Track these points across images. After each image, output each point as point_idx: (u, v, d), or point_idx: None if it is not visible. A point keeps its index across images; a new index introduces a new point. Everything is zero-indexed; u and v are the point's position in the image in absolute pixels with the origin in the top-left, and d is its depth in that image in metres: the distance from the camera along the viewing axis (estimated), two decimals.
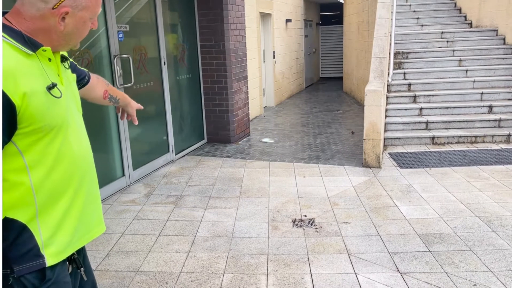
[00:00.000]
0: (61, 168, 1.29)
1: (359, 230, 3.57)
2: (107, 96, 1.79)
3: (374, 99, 5.19)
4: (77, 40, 1.32)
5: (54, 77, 1.28)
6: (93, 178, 1.46)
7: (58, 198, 1.30)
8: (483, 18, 8.59)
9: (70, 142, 1.31)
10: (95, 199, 1.47)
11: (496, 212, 3.80)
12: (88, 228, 1.43)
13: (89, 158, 1.43)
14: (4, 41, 1.16)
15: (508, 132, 6.09)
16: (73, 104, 1.37)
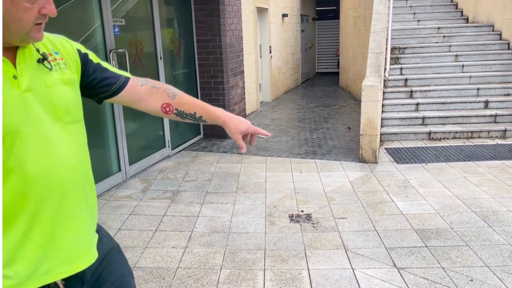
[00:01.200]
0: (9, 187, 1.07)
1: (356, 226, 3.57)
2: (169, 111, 1.42)
3: (371, 94, 5.19)
4: (19, 27, 1.05)
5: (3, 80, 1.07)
6: (74, 200, 1.19)
7: (11, 223, 1.09)
8: (479, 14, 8.59)
9: (22, 157, 1.07)
10: (76, 225, 1.20)
11: (492, 208, 3.82)
12: (67, 260, 1.19)
13: (63, 177, 1.15)
14: None
15: (504, 127, 6.11)
16: (44, 111, 1.13)
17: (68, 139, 1.18)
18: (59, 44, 1.25)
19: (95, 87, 1.33)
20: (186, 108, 1.43)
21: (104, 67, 1.35)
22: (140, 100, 1.41)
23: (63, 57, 1.23)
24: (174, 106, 1.42)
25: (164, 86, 1.44)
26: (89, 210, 1.27)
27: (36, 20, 1.07)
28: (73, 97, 1.22)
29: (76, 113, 1.23)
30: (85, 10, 4.11)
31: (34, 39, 1.10)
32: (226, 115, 1.46)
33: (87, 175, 1.27)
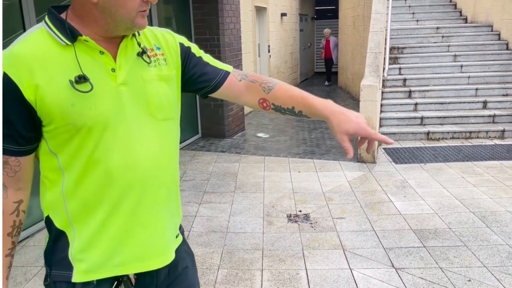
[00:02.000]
0: (93, 177, 1.10)
1: (354, 226, 3.56)
2: (266, 106, 1.31)
3: (369, 94, 5.18)
4: (124, 14, 1.05)
5: (99, 72, 1.08)
6: (155, 198, 1.18)
7: (93, 210, 1.13)
8: (478, 14, 8.59)
9: (109, 149, 1.09)
10: (154, 224, 1.19)
11: (491, 208, 3.81)
12: (140, 256, 1.18)
13: (146, 173, 1.14)
14: (40, 29, 1.07)
15: (502, 127, 6.11)
16: (137, 105, 1.13)
17: (157, 136, 1.17)
18: (162, 39, 1.24)
19: (194, 82, 1.29)
20: (282, 102, 1.29)
21: (205, 62, 1.30)
22: (239, 95, 1.33)
23: (164, 53, 1.21)
24: (270, 101, 1.30)
25: (262, 80, 1.32)
26: (171, 210, 1.24)
27: (139, 7, 1.06)
28: (168, 94, 1.19)
29: (169, 111, 1.20)
30: None
31: (139, 26, 1.09)
32: (329, 108, 1.23)
33: (172, 174, 1.24)
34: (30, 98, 1.03)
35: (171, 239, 1.25)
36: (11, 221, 1.12)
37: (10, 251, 1.13)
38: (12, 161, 1.09)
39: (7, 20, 3.24)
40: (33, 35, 1.06)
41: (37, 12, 3.47)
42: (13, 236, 1.13)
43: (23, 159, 1.10)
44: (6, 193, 1.11)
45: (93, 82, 1.06)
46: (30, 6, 3.40)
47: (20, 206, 1.14)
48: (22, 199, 1.14)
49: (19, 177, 1.12)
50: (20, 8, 3.33)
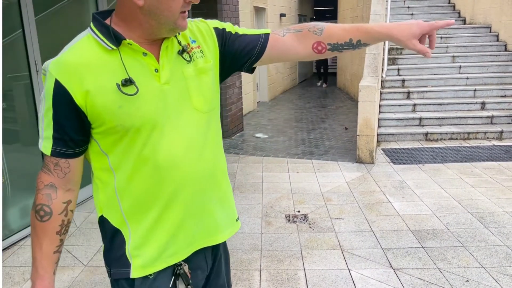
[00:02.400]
0: (143, 174, 1.15)
1: (353, 226, 3.57)
2: (322, 49, 1.26)
3: (368, 95, 5.19)
4: (168, 17, 1.07)
5: (143, 73, 1.11)
6: (205, 189, 1.22)
7: (146, 207, 1.17)
8: (476, 15, 8.61)
9: (156, 147, 1.13)
10: (204, 213, 1.24)
11: (489, 209, 3.82)
12: (190, 242, 1.24)
13: (195, 167, 1.18)
14: (87, 36, 1.12)
15: (500, 128, 6.12)
16: (181, 102, 1.16)
17: (203, 128, 1.20)
18: (197, 30, 1.25)
19: (239, 57, 1.28)
20: (338, 38, 1.24)
21: (242, 34, 1.29)
22: (288, 50, 1.29)
23: (200, 45, 1.23)
24: (325, 42, 1.25)
25: (308, 26, 1.28)
26: (221, 198, 1.29)
27: (182, 8, 1.08)
28: (209, 86, 1.22)
29: (212, 101, 1.23)
30: (81, 9, 4.09)
31: (181, 28, 1.12)
32: (387, 26, 1.22)
33: (219, 162, 1.28)
34: (81, 104, 1.07)
35: (221, 223, 1.29)
36: (59, 220, 1.16)
37: (58, 248, 1.18)
38: (62, 163, 1.15)
39: (6, 20, 3.23)
40: (81, 42, 1.11)
41: (36, 12, 3.47)
42: (61, 234, 1.18)
43: (72, 161, 1.16)
44: (56, 194, 1.16)
45: (138, 83, 1.10)
46: (29, 6, 3.39)
47: (68, 206, 1.18)
48: (70, 199, 1.19)
49: (68, 178, 1.17)
50: (19, 8, 3.33)
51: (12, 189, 3.33)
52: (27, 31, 3.39)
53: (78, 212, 3.89)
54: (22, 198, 3.46)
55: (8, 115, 3.32)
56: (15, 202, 3.37)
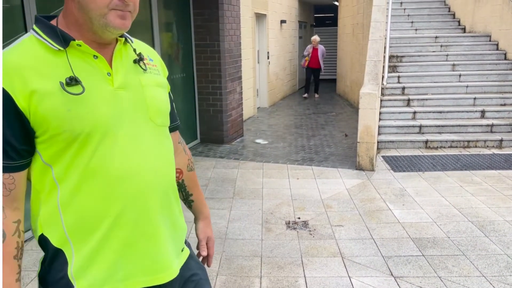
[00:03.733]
0: (91, 187, 1.05)
1: (353, 233, 3.56)
2: (177, 178, 1.38)
3: (368, 102, 5.20)
4: (94, 9, 1.02)
5: (93, 75, 1.06)
6: (157, 207, 1.13)
7: (92, 224, 1.07)
8: (476, 24, 8.65)
9: (108, 156, 1.05)
10: (156, 235, 1.14)
11: (489, 217, 3.82)
12: (143, 270, 1.13)
13: (148, 180, 1.10)
14: (29, 37, 1.06)
15: (500, 137, 6.13)
16: (136, 110, 1.11)
17: (157, 141, 1.15)
18: (154, 55, 1.27)
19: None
20: (189, 185, 1.45)
21: (173, 104, 1.34)
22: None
23: (156, 65, 1.24)
24: (182, 176, 1.42)
25: (189, 155, 1.46)
26: (173, 221, 1.21)
27: (111, 4, 1.03)
28: (164, 101, 1.21)
29: (166, 116, 1.21)
30: None
31: (113, 26, 1.04)
32: (206, 214, 1.50)
33: (171, 182, 1.21)
34: (23, 107, 0.99)
35: (175, 252, 1.21)
36: (14, 242, 1.04)
37: (19, 276, 1.06)
38: (5, 178, 1.02)
39: (9, 23, 3.24)
40: (22, 43, 1.05)
41: None
42: (19, 259, 1.06)
43: (17, 175, 1.04)
44: (5, 214, 1.03)
45: (88, 85, 1.04)
46: (32, 9, 3.40)
47: (19, 226, 1.06)
48: (19, 219, 1.06)
49: (14, 196, 1.04)
50: (22, 11, 3.34)
51: None
52: None
53: None
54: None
55: None
56: None
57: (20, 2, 3.32)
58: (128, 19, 1.07)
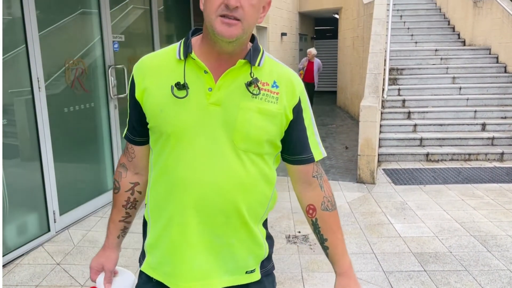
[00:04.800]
0: (163, 180, 1.18)
1: (354, 248, 3.52)
2: (311, 215, 1.31)
3: (369, 114, 5.19)
4: (208, 20, 1.08)
5: (197, 87, 1.14)
6: (211, 225, 1.16)
7: (161, 211, 1.20)
8: (476, 37, 8.68)
9: (177, 160, 1.14)
10: (203, 248, 1.18)
11: (491, 232, 3.78)
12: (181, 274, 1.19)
13: (206, 197, 1.14)
14: (175, 45, 1.21)
15: (501, 150, 6.11)
16: (223, 128, 1.13)
17: (233, 163, 1.14)
18: (287, 81, 1.21)
19: (283, 141, 1.24)
20: (323, 227, 1.30)
21: (306, 135, 1.26)
22: (300, 184, 1.33)
23: (279, 92, 1.18)
24: (317, 216, 1.30)
25: (328, 194, 1.32)
26: (228, 241, 1.20)
27: (219, 10, 1.06)
28: (260, 128, 1.15)
29: (256, 145, 1.16)
30: (85, 25, 4.11)
31: (218, 32, 1.08)
32: (345, 268, 1.31)
33: (237, 207, 1.17)
34: (138, 98, 1.19)
35: (224, 267, 1.21)
36: (126, 196, 1.33)
37: (124, 218, 1.35)
38: (129, 148, 1.31)
39: (10, 35, 3.24)
40: (166, 49, 1.23)
41: (40, 27, 3.48)
42: (127, 208, 1.34)
43: (137, 149, 1.29)
44: (126, 174, 1.33)
45: (190, 94, 1.14)
46: (33, 22, 3.41)
47: (135, 187, 1.33)
48: (138, 182, 1.33)
49: (135, 163, 1.31)
50: (23, 23, 3.34)
51: (10, 205, 3.29)
52: (30, 46, 3.39)
53: (75, 230, 3.85)
54: (20, 215, 3.41)
55: (8, 130, 3.30)
56: (12, 218, 3.33)
57: (20, 13, 3.33)
58: (234, 27, 1.07)
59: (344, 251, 1.32)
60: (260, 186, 1.21)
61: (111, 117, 4.45)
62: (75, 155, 4.08)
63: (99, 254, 1.38)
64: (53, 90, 3.73)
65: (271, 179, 1.25)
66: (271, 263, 1.33)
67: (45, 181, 3.60)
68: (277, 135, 1.20)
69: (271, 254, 1.34)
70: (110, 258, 1.37)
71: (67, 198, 3.87)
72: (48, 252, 3.44)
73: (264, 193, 1.23)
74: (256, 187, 1.20)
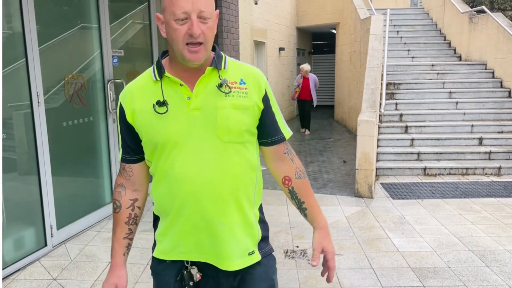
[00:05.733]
0: (163, 184, 1.37)
1: (352, 263, 3.51)
2: (287, 185, 1.51)
3: (366, 129, 5.21)
4: (177, 48, 1.28)
5: (176, 99, 1.33)
6: (210, 211, 1.35)
7: (164, 210, 1.40)
8: (472, 52, 8.77)
9: (173, 163, 1.33)
10: (210, 232, 1.37)
11: (489, 246, 3.77)
12: (198, 251, 1.41)
13: (204, 187, 1.33)
14: (150, 69, 1.40)
15: (498, 164, 6.13)
16: (206, 128, 1.33)
17: (221, 156, 1.34)
18: (252, 77, 1.41)
19: (259, 129, 1.44)
20: (299, 193, 1.52)
21: (275, 119, 1.47)
22: (274, 161, 1.51)
23: (247, 88, 1.39)
24: (292, 184, 1.50)
25: (299, 165, 1.53)
26: (230, 225, 1.38)
27: (184, 39, 1.26)
28: (238, 121, 1.35)
29: (237, 135, 1.36)
30: (84, 39, 4.15)
31: (188, 59, 1.28)
32: (322, 223, 1.54)
33: (234, 193, 1.37)
34: (130, 120, 1.37)
35: (233, 250, 1.39)
36: (127, 213, 1.48)
37: (127, 235, 1.49)
38: (127, 167, 1.46)
39: (10, 49, 3.27)
40: (142, 75, 1.42)
41: (40, 41, 3.51)
42: (130, 224, 1.48)
43: (134, 166, 1.46)
44: (125, 192, 1.47)
45: (171, 107, 1.32)
46: (33, 35, 3.44)
47: (135, 203, 1.48)
48: (137, 198, 1.49)
49: (133, 181, 1.47)
50: (23, 37, 3.37)
51: (7, 220, 3.28)
52: (30, 61, 3.42)
53: (72, 244, 3.82)
54: (17, 229, 3.40)
55: (6, 144, 3.30)
56: (9, 233, 3.31)
57: (21, 27, 3.36)
58: (200, 52, 1.28)
59: (320, 211, 1.55)
60: (247, 172, 1.40)
61: (109, 131, 4.46)
62: (73, 169, 4.07)
63: (109, 276, 1.48)
64: (52, 104, 3.74)
65: (253, 164, 1.42)
66: (268, 246, 1.52)
67: (42, 195, 3.59)
68: (253, 123, 1.39)
69: (267, 237, 1.52)
70: (121, 277, 1.48)
71: (64, 213, 3.86)
72: (45, 267, 3.42)
73: (250, 178, 1.42)
74: (243, 173, 1.39)
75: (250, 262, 1.43)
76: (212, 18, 1.29)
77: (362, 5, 9.53)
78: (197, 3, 1.23)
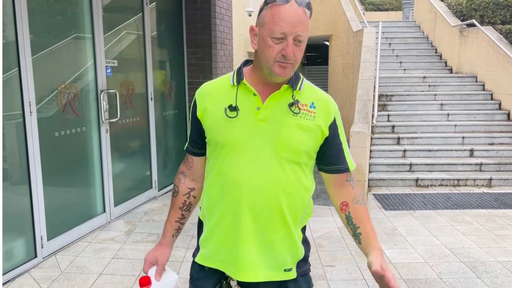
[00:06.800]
0: (217, 183, 1.43)
1: (344, 274, 3.50)
2: (344, 210, 1.52)
3: (359, 140, 5.24)
4: (266, 62, 1.34)
5: (247, 107, 1.40)
6: (253, 221, 1.39)
7: (213, 211, 1.46)
8: (463, 65, 8.89)
9: (230, 164, 1.39)
10: (248, 242, 1.40)
11: (481, 258, 3.79)
12: (232, 261, 1.43)
13: (250, 196, 1.37)
14: (230, 73, 1.48)
15: (489, 176, 6.18)
16: (268, 139, 1.38)
17: (275, 169, 1.38)
18: (323, 103, 1.45)
19: (321, 153, 1.49)
20: (355, 217, 1.50)
21: (341, 148, 1.50)
22: (334, 187, 1.55)
23: (316, 112, 1.43)
24: (350, 209, 1.51)
25: (358, 191, 1.54)
26: (269, 238, 1.41)
27: (276, 57, 1.31)
28: (300, 141, 1.40)
29: (296, 155, 1.40)
30: (78, 49, 4.15)
31: (276, 74, 1.34)
32: (378, 246, 1.46)
33: (284, 210, 1.41)
34: (199, 116, 1.47)
35: (264, 263, 1.42)
36: (183, 199, 1.59)
37: (179, 219, 1.61)
38: (189, 158, 1.58)
39: (3, 59, 3.26)
40: (222, 77, 1.51)
41: (33, 51, 3.51)
42: (183, 210, 1.60)
43: (195, 159, 1.57)
44: (184, 180, 1.59)
45: (240, 113, 1.39)
46: (27, 45, 3.44)
47: (191, 192, 1.59)
48: (194, 188, 1.59)
49: (192, 171, 1.58)
50: (17, 47, 3.37)
51: None
52: (23, 70, 3.41)
53: (62, 255, 3.79)
54: (7, 240, 3.36)
55: None
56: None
57: (14, 37, 3.36)
58: (288, 69, 1.34)
59: (375, 237, 1.49)
60: (299, 191, 1.44)
61: (102, 142, 4.45)
62: (65, 179, 4.05)
63: (155, 249, 1.59)
64: (45, 114, 3.73)
65: (307, 186, 1.48)
66: (307, 265, 1.54)
67: (33, 205, 3.56)
68: (313, 147, 1.44)
69: (308, 257, 1.54)
70: (164, 253, 1.59)
71: (55, 223, 3.82)
72: (35, 278, 3.38)
73: (302, 198, 1.46)
74: (295, 192, 1.43)
75: (283, 277, 1.45)
76: (305, 41, 1.33)
77: (355, 17, 9.65)
78: (296, 27, 1.28)
